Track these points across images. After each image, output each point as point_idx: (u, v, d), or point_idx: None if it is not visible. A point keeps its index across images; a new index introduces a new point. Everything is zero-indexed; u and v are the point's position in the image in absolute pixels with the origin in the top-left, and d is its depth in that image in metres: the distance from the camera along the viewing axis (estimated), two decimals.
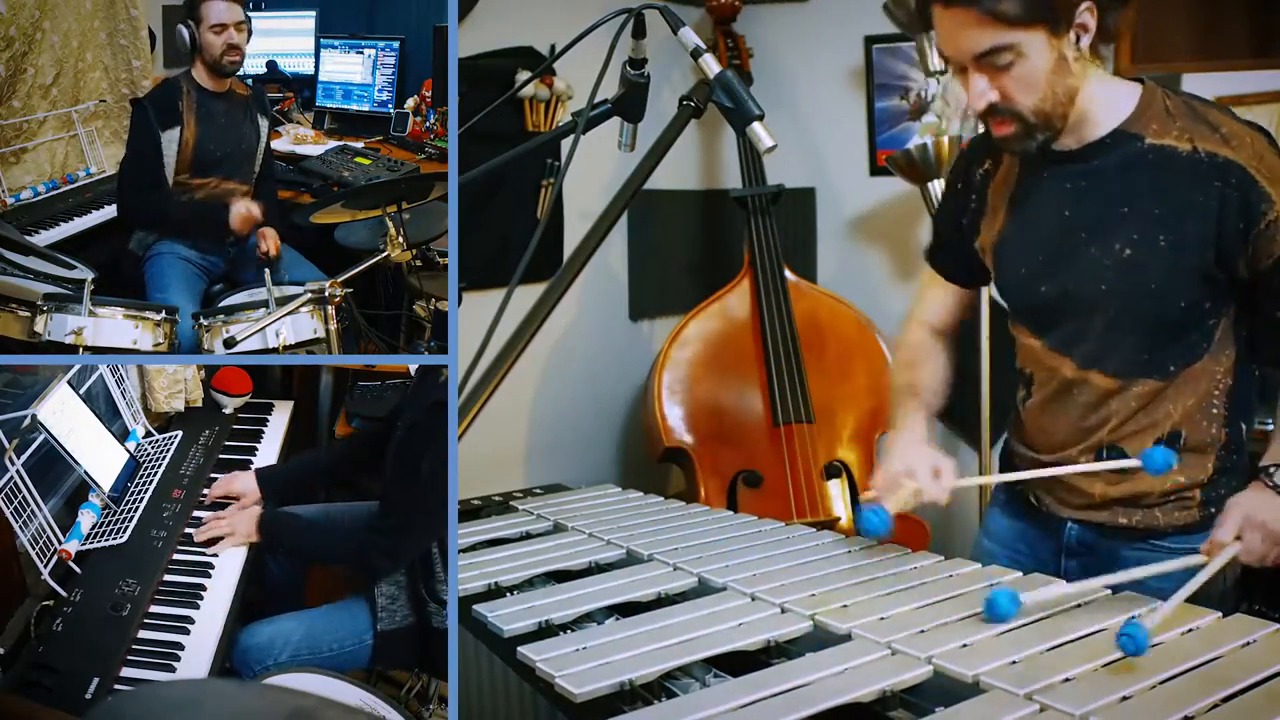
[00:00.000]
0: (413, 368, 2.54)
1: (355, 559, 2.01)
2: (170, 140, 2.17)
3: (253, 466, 2.33)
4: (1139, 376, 1.60)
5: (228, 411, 2.55)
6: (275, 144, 2.51)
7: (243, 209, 2.19)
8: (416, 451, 1.86)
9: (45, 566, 1.77)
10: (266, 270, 2.07)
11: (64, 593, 1.76)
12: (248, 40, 2.23)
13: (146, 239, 2.23)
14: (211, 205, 2.23)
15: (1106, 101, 1.56)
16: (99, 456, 2.08)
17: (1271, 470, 1.53)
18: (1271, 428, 1.63)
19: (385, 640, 1.95)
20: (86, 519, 1.95)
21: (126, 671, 1.63)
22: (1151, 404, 1.61)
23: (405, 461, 1.89)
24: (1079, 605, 1.40)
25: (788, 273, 3.24)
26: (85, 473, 2.00)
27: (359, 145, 2.77)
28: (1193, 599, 1.36)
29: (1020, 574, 1.56)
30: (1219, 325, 1.60)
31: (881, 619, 1.38)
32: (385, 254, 2.16)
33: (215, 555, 1.95)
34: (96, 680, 1.58)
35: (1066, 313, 1.64)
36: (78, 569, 1.83)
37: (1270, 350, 1.62)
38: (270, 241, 2.23)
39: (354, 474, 2.51)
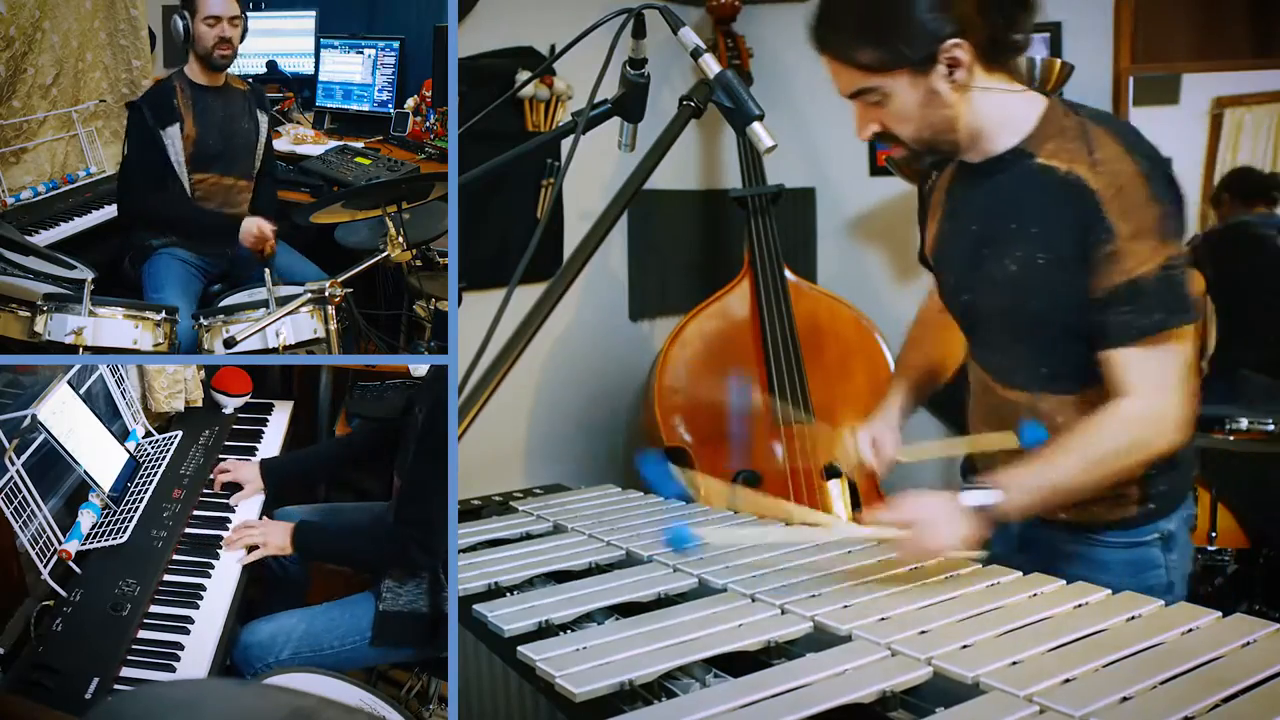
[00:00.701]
0: (415, 370, 2.55)
1: (391, 557, 1.97)
2: (172, 137, 2.17)
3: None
4: (1044, 391, 1.63)
5: (228, 411, 2.55)
6: (275, 144, 2.50)
7: (254, 227, 2.18)
8: (439, 444, 1.85)
9: (45, 566, 1.77)
10: (266, 270, 2.07)
11: (64, 593, 1.76)
12: (243, 37, 2.23)
13: (150, 234, 2.23)
14: (222, 216, 2.23)
15: (1004, 119, 1.58)
16: (99, 456, 2.08)
17: (972, 486, 1.51)
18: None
19: (385, 620, 1.94)
20: (86, 519, 1.95)
21: (126, 671, 1.63)
22: (1070, 416, 1.60)
23: (431, 450, 1.87)
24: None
25: (788, 273, 3.24)
26: (85, 473, 2.00)
27: (359, 145, 2.77)
28: None
29: (1020, 574, 1.56)
30: None
31: (882, 619, 1.38)
32: (385, 254, 2.16)
33: (217, 555, 1.95)
34: (96, 680, 1.58)
35: (980, 325, 1.71)
36: (78, 569, 1.83)
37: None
38: (266, 243, 2.22)
39: (355, 470, 2.51)
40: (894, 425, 1.82)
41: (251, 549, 1.97)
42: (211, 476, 2.20)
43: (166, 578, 1.87)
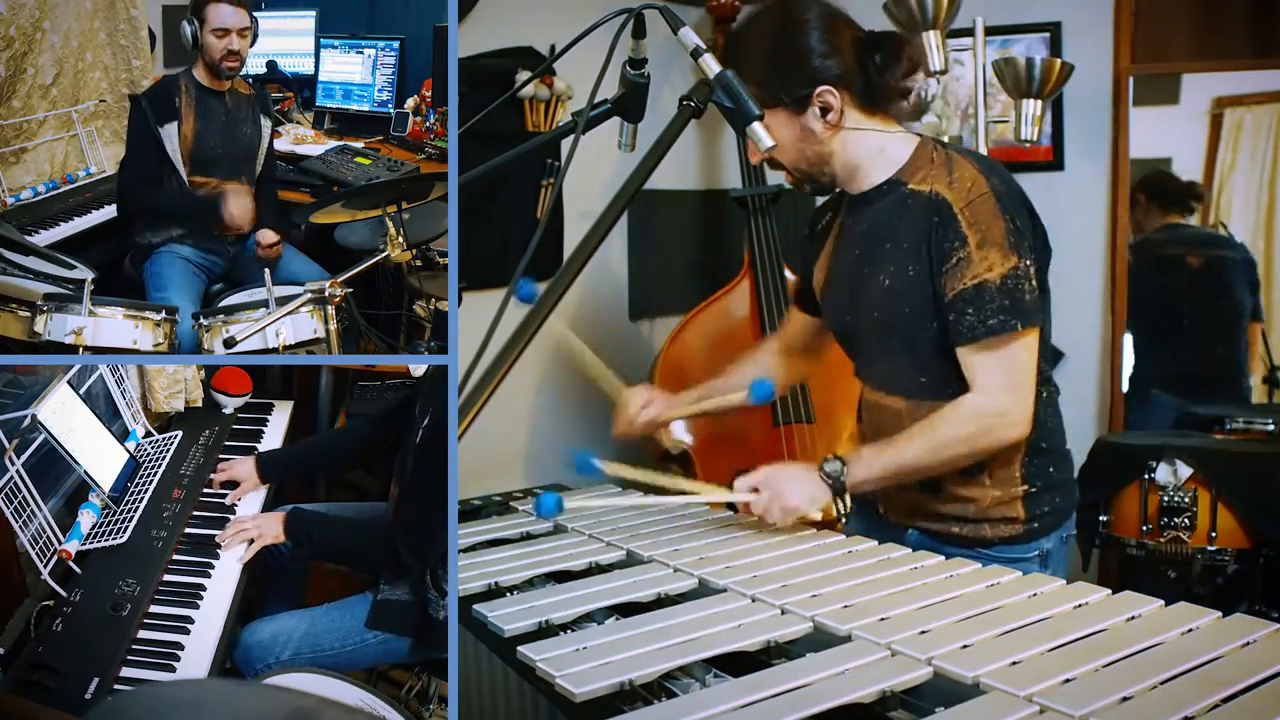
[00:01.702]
0: (415, 370, 2.54)
1: (383, 558, 1.97)
2: (170, 135, 2.16)
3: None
4: (922, 398, 1.79)
5: (228, 411, 2.55)
6: (276, 144, 2.50)
7: (235, 205, 2.18)
8: (440, 449, 1.85)
9: (45, 566, 1.77)
10: (266, 270, 2.07)
11: (64, 593, 1.76)
12: (252, 44, 2.23)
13: (149, 232, 2.23)
14: (206, 198, 2.22)
15: (877, 157, 1.80)
16: (99, 456, 2.08)
17: (827, 459, 1.75)
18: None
19: (381, 607, 1.95)
20: (86, 519, 1.95)
21: (126, 671, 1.63)
22: None
23: (431, 459, 1.87)
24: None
25: (787, 273, 3.24)
26: (85, 473, 2.00)
27: (359, 145, 2.77)
28: None
29: (1020, 574, 1.56)
30: None
31: (882, 619, 1.38)
32: (385, 254, 2.16)
33: (217, 555, 1.95)
34: (96, 680, 1.58)
35: (861, 340, 1.89)
36: (78, 569, 1.83)
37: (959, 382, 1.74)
38: (269, 247, 2.22)
39: (353, 463, 2.51)
40: (675, 399, 2.08)
41: (250, 544, 1.97)
42: (210, 477, 2.20)
43: (166, 578, 1.87)
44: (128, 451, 2.21)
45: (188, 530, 2.02)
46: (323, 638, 1.93)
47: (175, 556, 1.94)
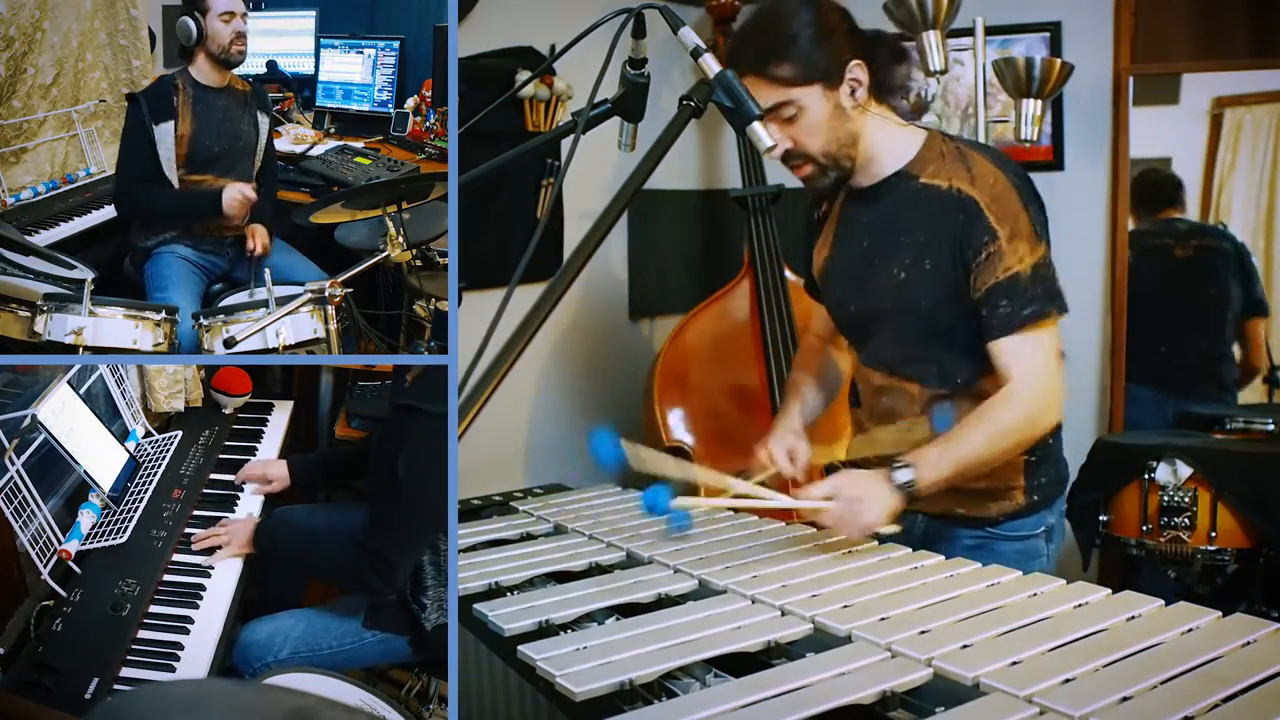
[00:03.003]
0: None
1: (349, 576, 1.96)
2: (165, 134, 2.15)
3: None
4: (932, 384, 1.82)
5: (228, 411, 2.55)
6: (275, 144, 2.49)
7: (235, 193, 2.17)
8: (390, 455, 1.85)
9: (45, 566, 1.77)
10: (266, 270, 2.06)
11: (64, 593, 1.76)
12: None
13: (146, 232, 2.22)
14: (204, 190, 2.21)
15: (890, 147, 1.82)
16: (99, 456, 2.08)
17: (896, 466, 1.69)
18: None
19: (377, 606, 1.95)
20: (86, 519, 1.95)
21: (126, 671, 1.63)
22: (963, 413, 1.75)
23: (381, 468, 1.88)
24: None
25: (788, 273, 3.24)
26: (85, 473, 2.00)
27: (359, 145, 2.77)
28: None
29: (1020, 573, 1.56)
30: None
31: (882, 620, 1.38)
32: (385, 254, 2.16)
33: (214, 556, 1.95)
34: (96, 680, 1.58)
35: (869, 329, 1.90)
36: (78, 569, 1.83)
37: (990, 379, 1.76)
38: (259, 240, 2.22)
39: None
40: (800, 432, 1.98)
41: (227, 551, 1.97)
42: (205, 491, 2.20)
43: (166, 578, 1.88)
44: (128, 451, 2.21)
45: (188, 530, 2.02)
46: (320, 636, 1.93)
47: (175, 556, 1.94)
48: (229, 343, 1.95)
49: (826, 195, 1.96)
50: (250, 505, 2.17)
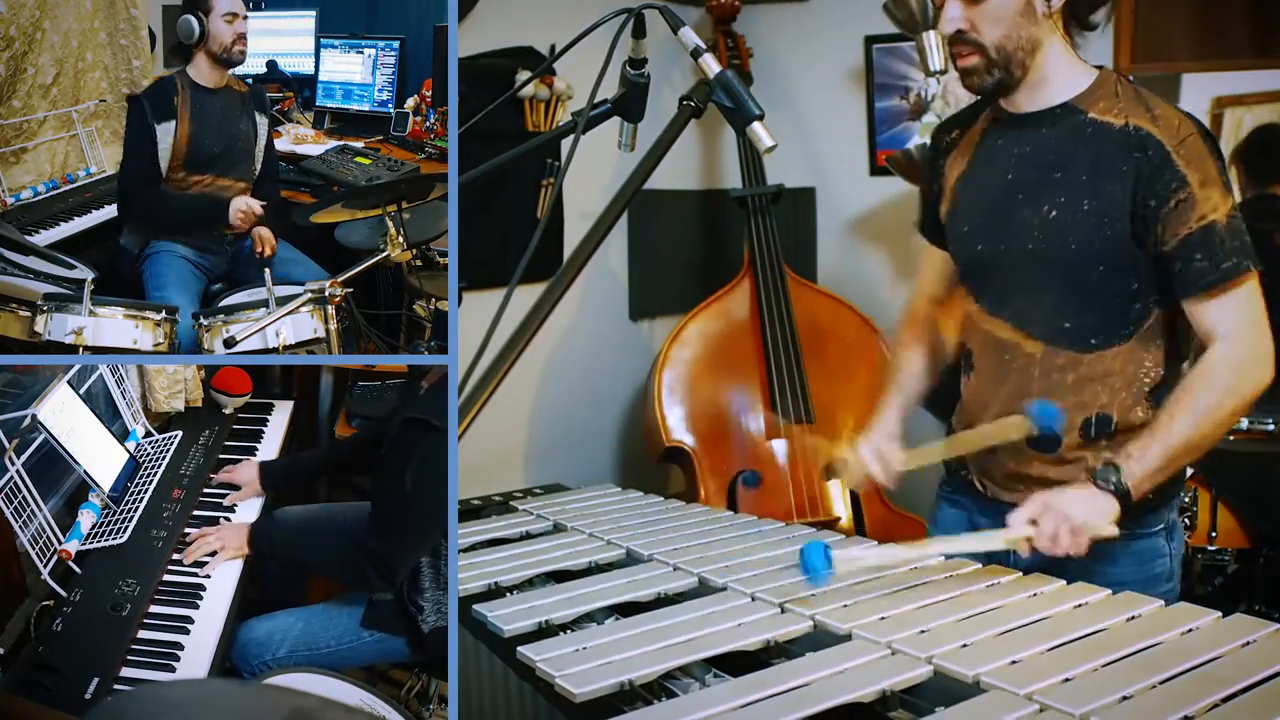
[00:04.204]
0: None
1: (349, 572, 1.96)
2: (165, 134, 2.16)
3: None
4: (1060, 345, 1.65)
5: (228, 411, 2.55)
6: (275, 144, 2.49)
7: (241, 204, 2.17)
8: (399, 466, 1.85)
9: (45, 566, 1.77)
10: (266, 270, 2.07)
11: (64, 593, 1.76)
12: None
13: (138, 236, 2.23)
14: (209, 200, 2.22)
15: (1065, 75, 1.66)
16: (99, 456, 2.08)
17: (1098, 471, 1.55)
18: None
19: (376, 607, 1.95)
20: (86, 519, 1.95)
21: (126, 671, 1.63)
22: (1079, 382, 1.65)
23: (388, 476, 1.88)
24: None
25: (788, 273, 3.24)
26: (85, 473, 2.00)
27: (359, 145, 2.77)
28: None
29: (1020, 574, 1.56)
30: (1148, 314, 1.64)
31: (882, 619, 1.38)
32: (385, 254, 2.16)
33: (216, 555, 1.95)
34: (96, 680, 1.58)
35: (999, 272, 1.71)
36: (78, 569, 1.83)
37: (1186, 344, 1.65)
38: (266, 244, 2.22)
39: (356, 473, 2.51)
40: (894, 434, 1.80)
41: (215, 555, 1.95)
42: (210, 476, 2.20)
43: (166, 578, 1.87)
44: (128, 451, 2.21)
45: (188, 530, 2.02)
46: (319, 635, 1.93)
47: (175, 556, 1.93)
48: (229, 343, 1.95)
49: (956, 125, 1.83)
50: (250, 506, 2.17)
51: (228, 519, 2.10)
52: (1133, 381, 1.64)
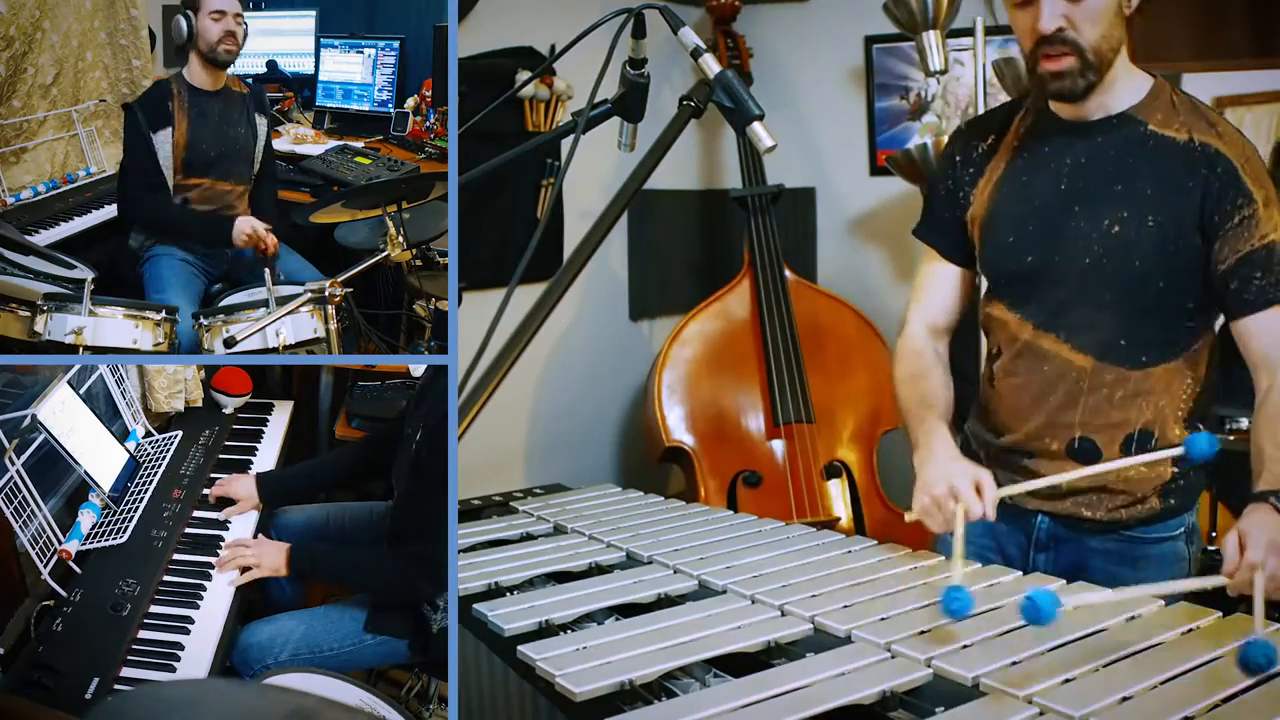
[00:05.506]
0: (415, 370, 2.54)
1: (397, 584, 1.92)
2: (163, 141, 2.15)
3: (253, 467, 2.33)
4: (1111, 361, 1.62)
5: (228, 411, 2.55)
6: (275, 144, 2.49)
7: (246, 226, 2.16)
8: (439, 465, 1.84)
9: (45, 566, 1.77)
10: (266, 270, 2.06)
11: (64, 593, 1.76)
12: (244, 38, 2.22)
13: (145, 240, 2.23)
14: (214, 217, 2.21)
15: (1126, 82, 1.63)
16: (99, 456, 2.08)
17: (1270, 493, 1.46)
18: None
19: (379, 610, 1.94)
20: (86, 519, 1.94)
21: (126, 671, 1.63)
22: (1125, 398, 1.63)
23: (428, 477, 1.85)
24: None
25: (788, 273, 3.24)
26: (85, 473, 2.00)
27: (359, 145, 2.77)
28: None
29: (1020, 573, 1.56)
30: (1201, 333, 1.64)
31: (882, 620, 1.38)
32: (385, 254, 2.16)
33: (216, 555, 1.95)
34: (96, 680, 1.58)
35: (1048, 284, 1.66)
36: (78, 569, 1.83)
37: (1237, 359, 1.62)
38: (269, 244, 2.22)
39: (357, 480, 2.50)
40: (970, 464, 1.63)
41: (245, 569, 1.93)
42: (205, 492, 2.16)
43: (166, 578, 1.87)
44: (128, 451, 2.21)
45: (188, 530, 2.02)
46: (321, 638, 1.93)
47: (175, 556, 1.93)
48: (229, 342, 1.95)
49: (991, 129, 1.75)
50: (244, 522, 2.14)
51: (228, 520, 2.09)
52: (1177, 397, 1.64)
